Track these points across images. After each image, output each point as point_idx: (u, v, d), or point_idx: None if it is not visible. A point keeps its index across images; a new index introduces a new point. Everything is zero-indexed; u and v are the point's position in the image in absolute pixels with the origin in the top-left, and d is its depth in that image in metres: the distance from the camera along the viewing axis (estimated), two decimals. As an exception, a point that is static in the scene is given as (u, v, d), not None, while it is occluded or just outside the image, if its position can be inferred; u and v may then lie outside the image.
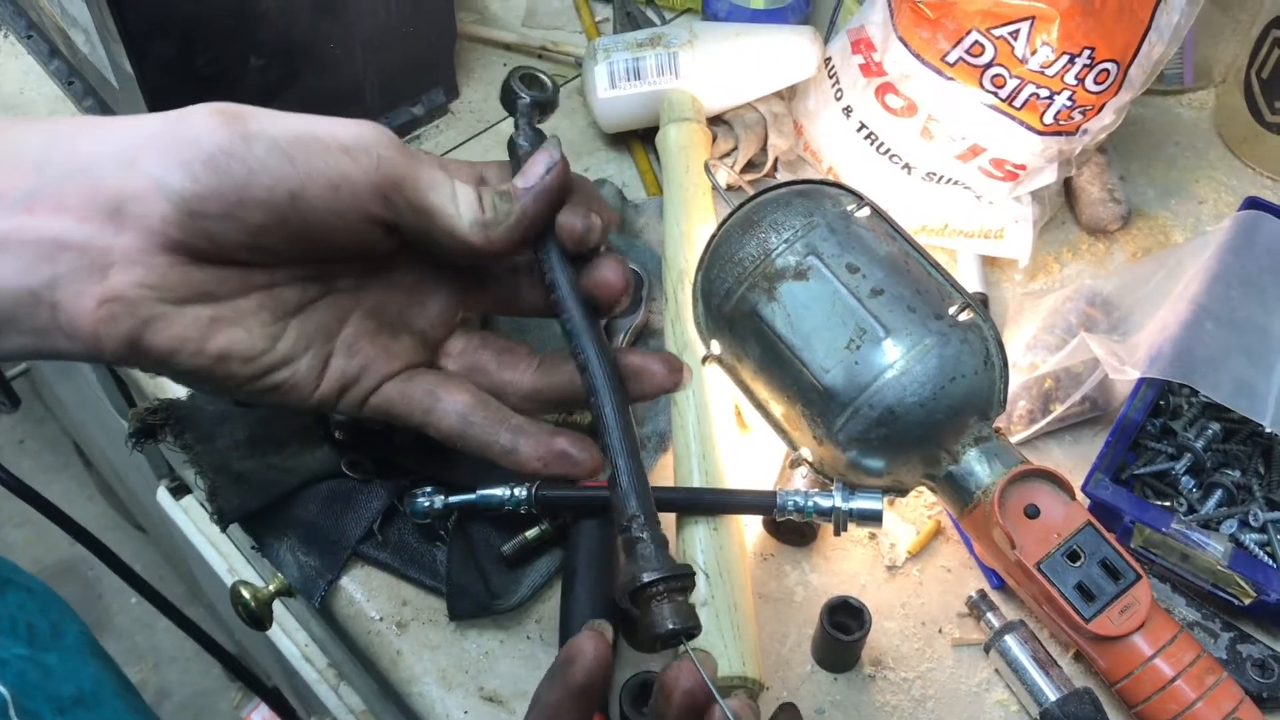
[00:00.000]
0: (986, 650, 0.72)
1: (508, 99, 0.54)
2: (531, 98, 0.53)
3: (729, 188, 0.91)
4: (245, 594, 0.80)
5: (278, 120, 0.42)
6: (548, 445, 0.50)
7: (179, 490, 1.16)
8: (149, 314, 0.43)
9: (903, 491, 0.70)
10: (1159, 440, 0.78)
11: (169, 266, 0.42)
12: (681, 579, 0.45)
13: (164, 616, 0.92)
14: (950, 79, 0.82)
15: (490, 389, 0.53)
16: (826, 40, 0.96)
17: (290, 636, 1.05)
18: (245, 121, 0.42)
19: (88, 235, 0.41)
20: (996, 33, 0.80)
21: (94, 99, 0.97)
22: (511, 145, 0.52)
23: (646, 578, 0.45)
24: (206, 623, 1.16)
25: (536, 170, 0.45)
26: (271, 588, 0.81)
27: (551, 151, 0.46)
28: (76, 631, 0.77)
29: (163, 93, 0.83)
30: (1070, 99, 0.81)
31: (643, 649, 0.45)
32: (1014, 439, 0.80)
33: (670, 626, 0.44)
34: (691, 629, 0.45)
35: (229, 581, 1.02)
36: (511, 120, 0.53)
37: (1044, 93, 0.81)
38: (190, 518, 1.13)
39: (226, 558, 1.09)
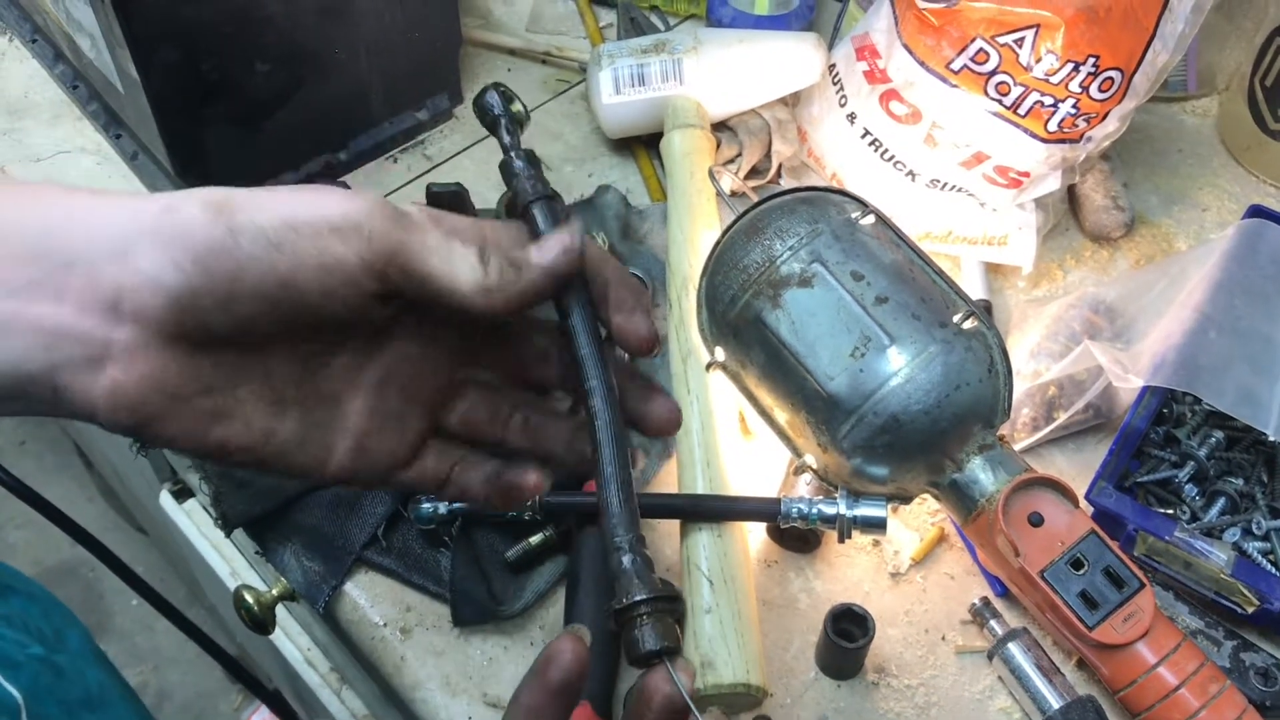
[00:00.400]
0: (990, 658, 0.72)
1: (486, 116, 0.54)
2: (512, 114, 0.54)
3: (733, 194, 0.91)
4: (249, 598, 0.80)
5: (265, 207, 0.42)
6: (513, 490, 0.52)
7: (181, 493, 1.16)
8: (151, 412, 0.43)
9: (907, 499, 0.70)
10: (1162, 448, 0.78)
11: (169, 359, 0.43)
12: (662, 601, 0.47)
13: (165, 618, 0.92)
14: (954, 86, 0.82)
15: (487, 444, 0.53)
16: (830, 47, 0.96)
17: (293, 640, 1.05)
18: (233, 213, 0.42)
19: (87, 326, 0.42)
20: (1001, 40, 0.80)
21: (98, 103, 0.98)
22: (507, 171, 0.52)
23: (628, 600, 0.47)
24: (207, 625, 1.16)
25: (555, 247, 0.45)
26: (275, 592, 0.81)
27: (575, 233, 0.46)
28: (79, 636, 0.77)
29: (167, 97, 0.83)
30: (1074, 107, 0.81)
31: (632, 665, 0.47)
32: (1018, 446, 0.80)
33: (649, 647, 0.47)
34: (671, 648, 0.47)
35: (232, 585, 1.02)
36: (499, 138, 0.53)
37: (1048, 100, 0.81)
38: (193, 521, 1.13)
39: (229, 561, 1.09)
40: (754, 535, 0.76)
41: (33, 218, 0.43)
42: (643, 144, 0.98)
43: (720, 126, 0.95)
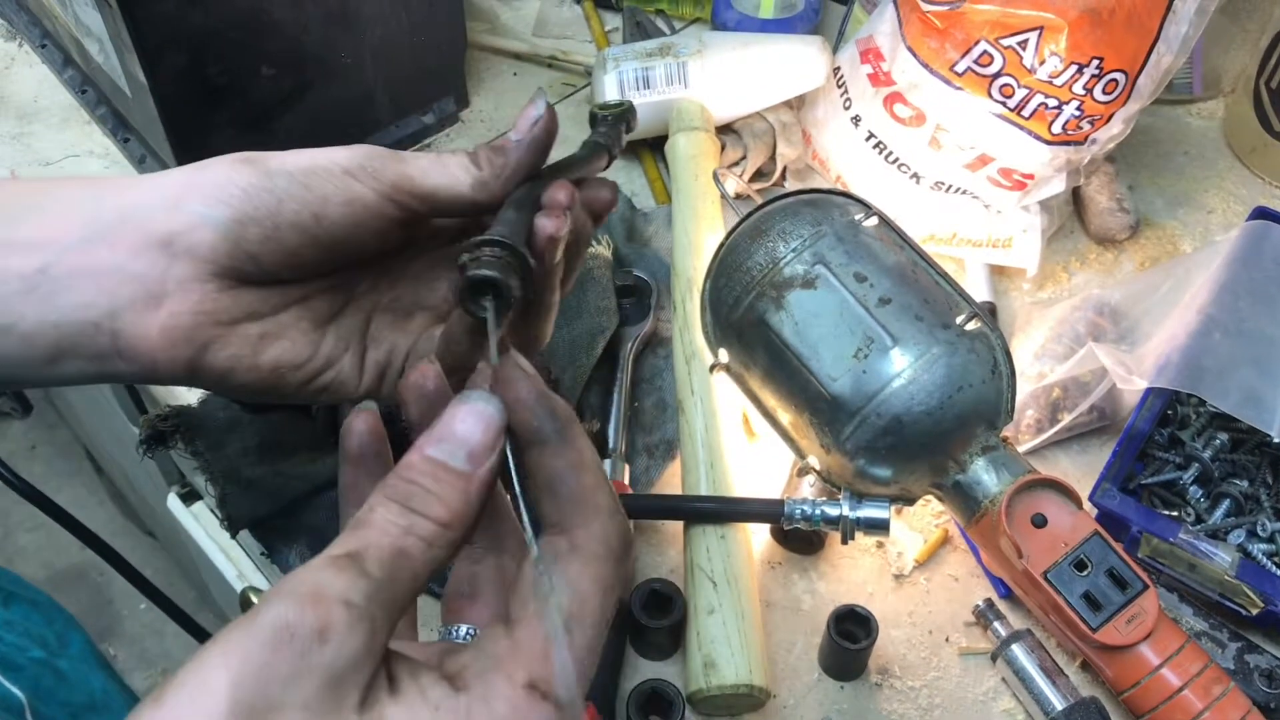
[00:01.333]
0: (993, 659, 0.72)
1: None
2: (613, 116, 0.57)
3: (737, 196, 0.91)
4: (255, 600, 0.80)
5: (287, 158, 0.48)
6: None
7: (189, 496, 1.17)
8: (206, 337, 0.48)
9: (910, 500, 0.70)
10: (1167, 450, 0.78)
11: (219, 291, 0.48)
12: (513, 250, 0.43)
13: (174, 622, 0.92)
14: (959, 88, 0.82)
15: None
16: (835, 50, 0.96)
17: (299, 643, 1.05)
18: (264, 161, 0.48)
19: (143, 267, 0.46)
20: (1005, 43, 0.80)
21: (106, 107, 0.98)
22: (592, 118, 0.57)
23: (483, 238, 0.44)
24: (216, 629, 1.16)
25: (525, 123, 0.49)
26: (281, 594, 0.81)
27: (538, 103, 0.50)
28: (82, 641, 0.78)
29: (175, 101, 0.83)
30: (1079, 109, 0.81)
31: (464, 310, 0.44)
32: (1021, 448, 0.80)
33: (478, 273, 0.42)
34: (497, 282, 0.42)
35: (239, 587, 1.02)
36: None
37: (1052, 102, 0.81)
38: (200, 524, 1.14)
39: (236, 563, 1.09)
40: (757, 536, 0.76)
41: (79, 190, 0.48)
42: (648, 147, 0.98)
43: (725, 129, 0.96)
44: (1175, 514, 0.76)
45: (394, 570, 0.36)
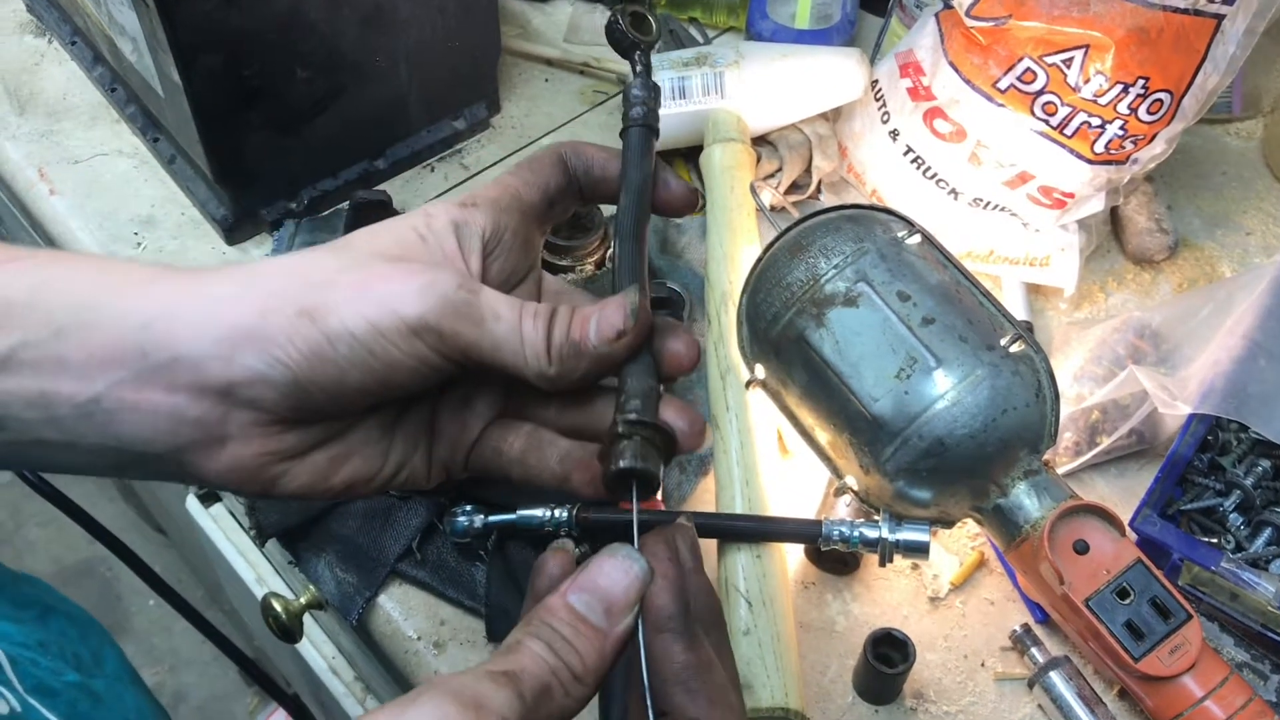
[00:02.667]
0: (1030, 685, 0.71)
1: (620, 43, 0.55)
2: (645, 43, 0.55)
3: (773, 209, 0.90)
4: (277, 606, 0.79)
5: (348, 315, 0.45)
6: (592, 469, 0.52)
7: (208, 498, 1.16)
8: (274, 473, 0.47)
9: (949, 523, 0.69)
10: (1207, 475, 0.77)
11: (283, 432, 0.47)
12: (655, 429, 0.46)
13: (182, 619, 0.92)
14: (1001, 105, 0.81)
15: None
16: (871, 62, 0.95)
17: (318, 649, 1.05)
18: (324, 318, 0.45)
19: (201, 413, 0.45)
20: (1049, 60, 0.79)
21: (136, 106, 0.97)
22: (625, 93, 0.55)
23: (624, 419, 0.46)
24: (225, 627, 1.16)
25: (609, 330, 0.47)
26: (303, 600, 0.81)
27: (627, 309, 0.48)
28: (116, 657, 0.77)
29: (209, 102, 0.83)
30: (1122, 128, 0.80)
31: (608, 497, 0.47)
32: (1059, 470, 0.79)
33: (624, 464, 0.45)
34: (648, 473, 0.45)
35: (258, 592, 1.01)
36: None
37: (1095, 121, 0.80)
38: (219, 526, 1.13)
39: (255, 567, 1.08)
40: (791, 556, 0.75)
41: (129, 308, 0.45)
42: (682, 157, 0.97)
43: (760, 141, 0.95)
44: (1216, 541, 0.75)
45: (539, 701, 0.37)
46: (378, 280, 0.46)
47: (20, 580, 0.93)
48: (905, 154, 0.88)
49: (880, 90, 0.90)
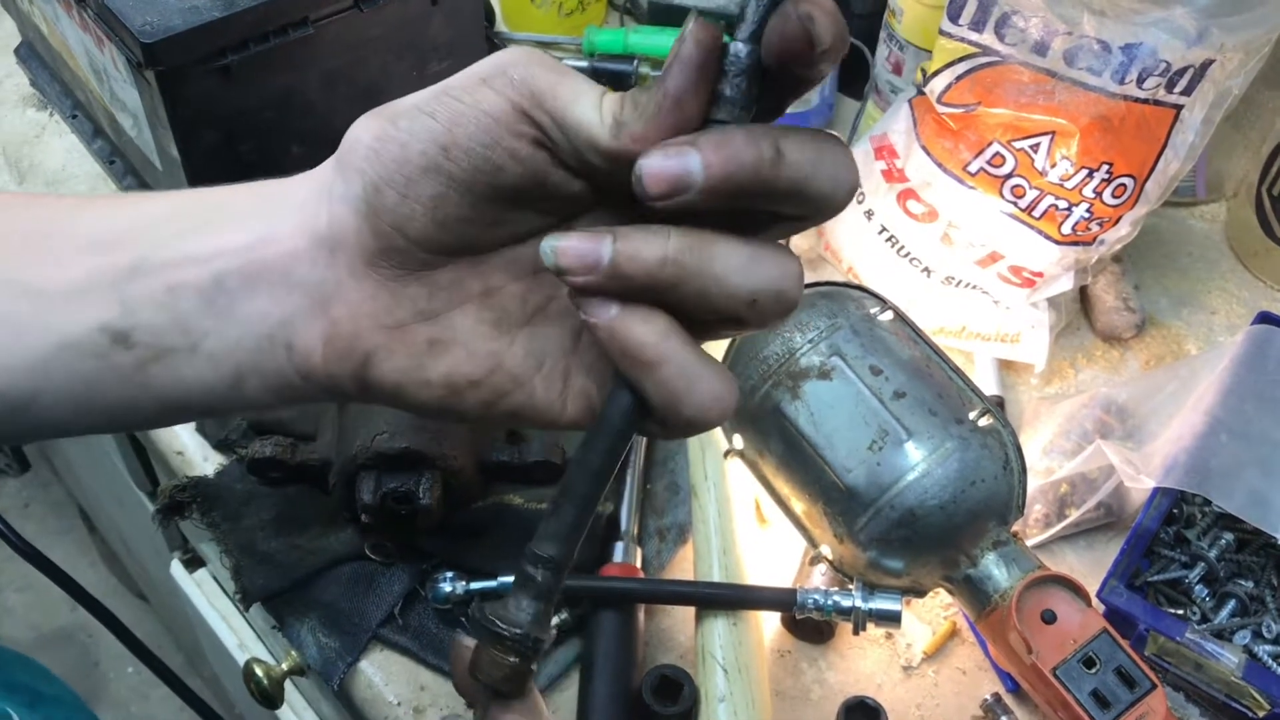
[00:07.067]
0: (1001, 755, 0.72)
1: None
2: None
3: (751, 284, 0.93)
4: (259, 672, 0.80)
5: (425, 90, 0.42)
6: None
7: (192, 563, 1.17)
8: (369, 346, 0.43)
9: (921, 593, 0.71)
10: (1172, 548, 0.79)
11: (377, 286, 0.43)
12: (523, 644, 0.43)
13: (160, 685, 0.91)
14: (971, 188, 0.84)
15: None
16: (849, 144, 0.98)
17: (298, 715, 1.05)
18: (394, 105, 0.42)
19: (306, 270, 0.43)
20: (1018, 145, 0.83)
21: (134, 178, 1.00)
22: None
23: (494, 626, 0.43)
24: (204, 693, 1.16)
25: (675, 75, 0.39)
26: (285, 666, 0.81)
27: (685, 24, 0.40)
28: None
29: (206, 176, 0.85)
30: (1088, 211, 0.84)
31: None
32: (1029, 542, 0.80)
33: (480, 677, 0.44)
34: (504, 688, 0.44)
35: (240, 658, 1.02)
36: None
37: (1062, 204, 0.83)
38: (203, 591, 1.13)
39: (237, 632, 1.09)
40: (768, 624, 0.76)
41: (249, 196, 0.45)
42: (664, 233, 1.00)
43: (740, 218, 0.97)
44: (1181, 612, 0.77)
45: None
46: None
47: (14, 664, 0.93)
48: (880, 233, 0.91)
49: (856, 171, 0.93)
